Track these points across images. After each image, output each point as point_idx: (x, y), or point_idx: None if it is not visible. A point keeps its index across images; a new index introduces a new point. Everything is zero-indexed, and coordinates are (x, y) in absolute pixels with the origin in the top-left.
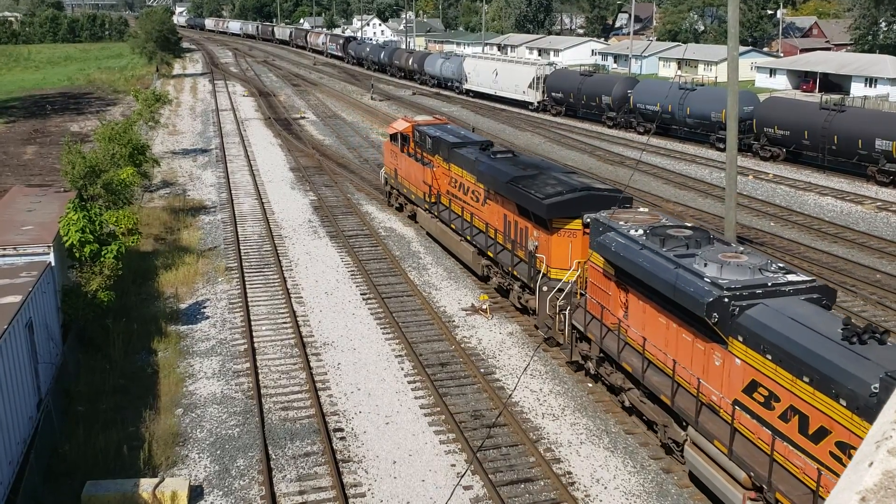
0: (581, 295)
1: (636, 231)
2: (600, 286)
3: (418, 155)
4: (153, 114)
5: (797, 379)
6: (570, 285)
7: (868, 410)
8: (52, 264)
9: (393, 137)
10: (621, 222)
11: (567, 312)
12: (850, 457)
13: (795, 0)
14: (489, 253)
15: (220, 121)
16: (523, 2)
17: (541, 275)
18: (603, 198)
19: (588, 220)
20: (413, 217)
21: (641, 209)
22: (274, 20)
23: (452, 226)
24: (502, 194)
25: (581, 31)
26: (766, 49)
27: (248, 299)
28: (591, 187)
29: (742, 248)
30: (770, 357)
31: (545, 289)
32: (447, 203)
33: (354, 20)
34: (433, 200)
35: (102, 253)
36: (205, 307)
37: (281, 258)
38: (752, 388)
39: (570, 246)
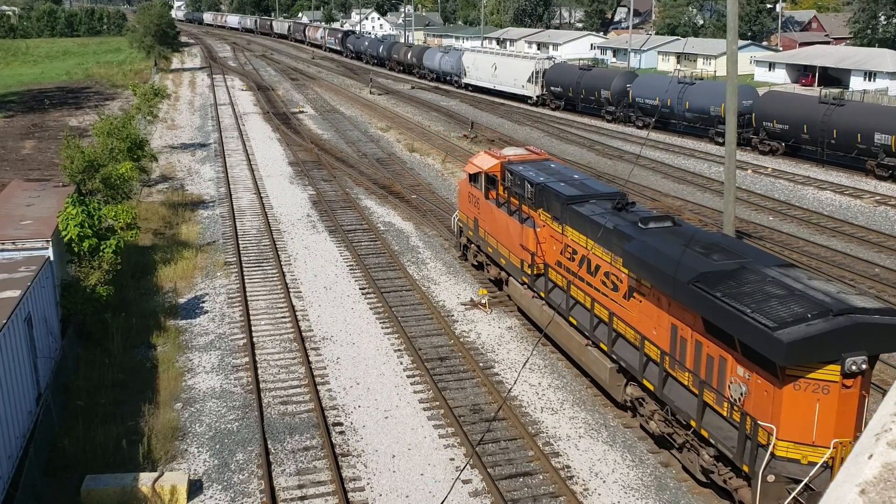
0: None
1: None
2: None
3: (512, 205)
4: (151, 108)
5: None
6: (815, 472)
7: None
8: (51, 259)
9: (473, 178)
10: None
11: None
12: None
13: None
14: (645, 381)
15: (219, 115)
16: None
17: (760, 451)
18: (882, 328)
19: (851, 366)
20: (498, 283)
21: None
22: (272, 14)
23: (572, 319)
24: (670, 294)
25: (580, 25)
26: (765, 43)
27: (247, 294)
28: (854, 308)
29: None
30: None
31: (771, 477)
32: (560, 281)
33: (353, 14)
34: (535, 272)
35: (101, 247)
36: (204, 302)
37: (280, 253)
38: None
39: (816, 407)
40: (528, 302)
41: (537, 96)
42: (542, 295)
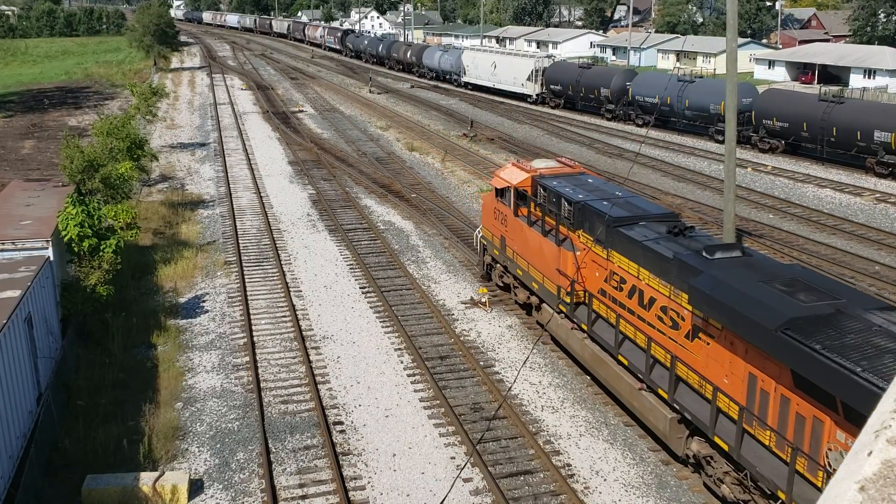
0: None
1: None
2: None
3: (547, 225)
4: (150, 108)
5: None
6: None
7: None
8: (51, 259)
9: (500, 193)
10: None
11: None
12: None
13: None
14: (716, 438)
15: (219, 114)
16: None
17: None
18: None
19: None
20: (528, 308)
21: None
22: (272, 13)
23: (622, 358)
24: (751, 341)
25: (579, 23)
26: (764, 41)
27: (248, 293)
28: None
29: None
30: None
31: None
32: (606, 313)
33: (352, 13)
34: (574, 301)
35: (101, 247)
36: (204, 301)
37: (280, 252)
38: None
39: None
40: (566, 334)
41: (537, 95)
42: (585, 328)
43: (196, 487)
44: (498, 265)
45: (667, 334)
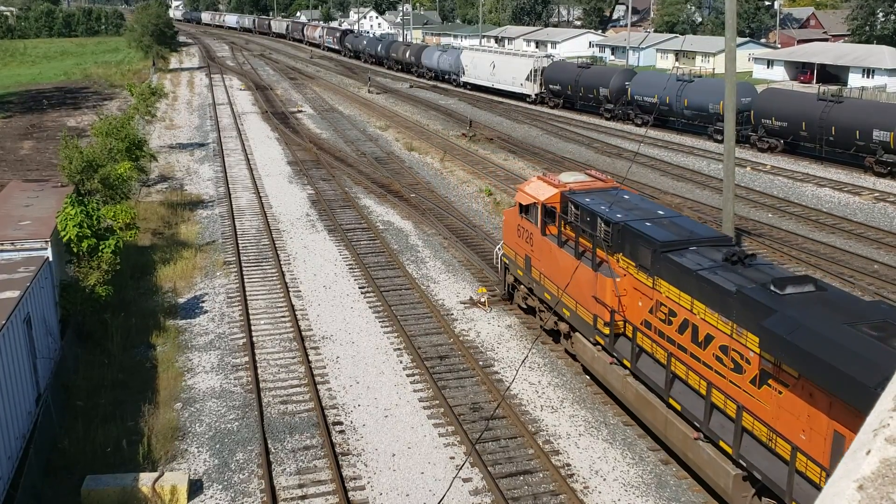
0: None
1: None
2: None
3: (580, 247)
4: (149, 108)
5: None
6: None
7: None
8: (50, 259)
9: (525, 209)
10: None
11: None
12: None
13: None
14: None
15: (217, 115)
16: None
17: None
18: None
19: None
20: (555, 335)
21: None
22: (270, 13)
23: (673, 401)
24: (841, 396)
25: (578, 23)
26: (763, 40)
27: (247, 293)
28: None
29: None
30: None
31: None
32: (648, 346)
33: (351, 13)
34: (613, 332)
35: (100, 248)
36: (203, 301)
37: (279, 252)
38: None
39: None
40: (604, 368)
41: (536, 94)
42: (627, 364)
43: (195, 488)
44: (522, 286)
45: (727, 377)
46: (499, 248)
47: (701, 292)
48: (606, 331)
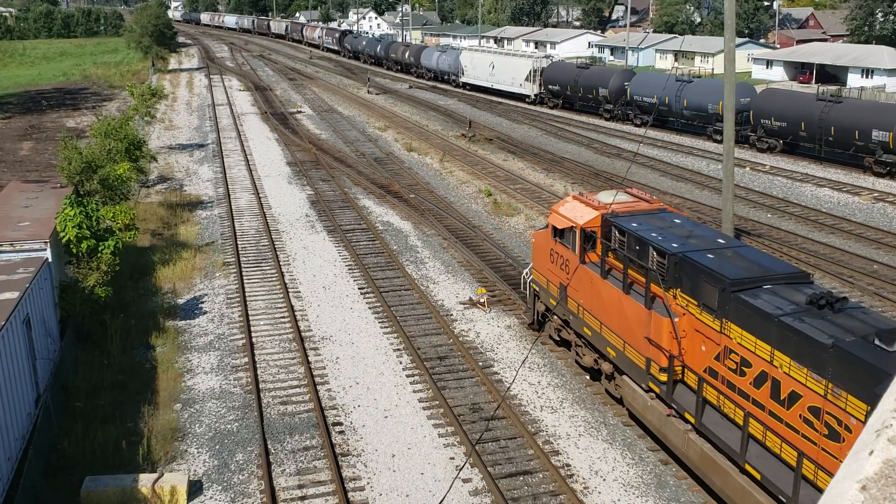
0: None
1: None
2: None
3: (628, 279)
4: (149, 109)
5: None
6: None
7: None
8: (50, 260)
9: (560, 233)
10: None
11: None
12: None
13: None
14: None
15: (217, 115)
16: None
17: None
18: None
19: None
20: (594, 372)
21: None
22: (270, 14)
23: (750, 467)
24: None
25: (577, 23)
26: (762, 40)
27: (246, 294)
28: None
29: None
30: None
31: None
32: (714, 398)
33: (350, 13)
34: (672, 380)
35: (99, 248)
36: (203, 302)
37: (278, 253)
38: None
39: None
40: (659, 420)
41: (535, 95)
42: (691, 418)
43: (195, 489)
44: (555, 317)
45: (819, 444)
46: (527, 273)
47: (784, 342)
48: (663, 378)
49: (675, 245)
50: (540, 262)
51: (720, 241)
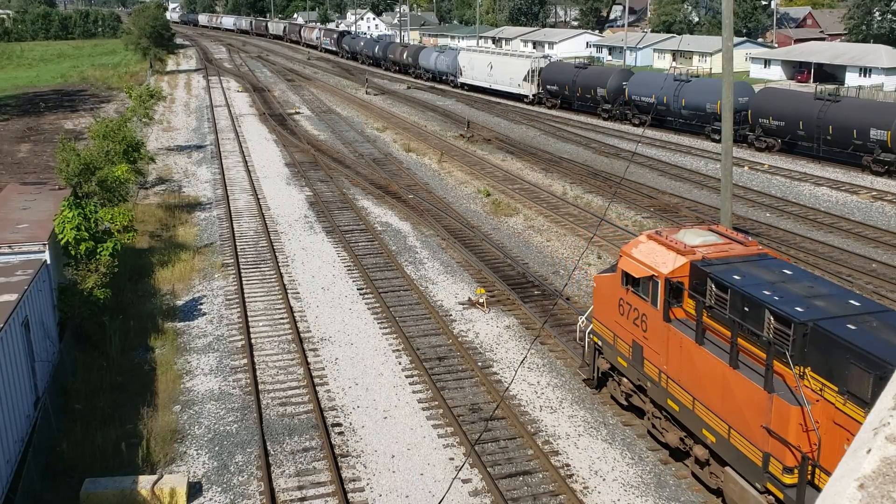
0: None
1: None
2: None
3: (739, 347)
4: (147, 110)
5: None
6: None
7: None
8: (48, 262)
9: (634, 281)
10: None
11: None
12: None
13: None
14: None
15: (215, 117)
16: None
17: None
18: None
19: None
20: (676, 451)
21: None
22: (268, 15)
23: None
24: None
25: (575, 23)
26: (760, 40)
27: (245, 295)
28: None
29: None
30: None
31: None
32: None
33: (348, 14)
34: (802, 484)
35: (98, 250)
36: (201, 304)
37: (277, 254)
38: None
39: None
40: None
41: (533, 95)
42: None
43: (195, 490)
44: (624, 379)
45: None
46: (584, 321)
47: None
48: (789, 480)
49: (799, 309)
50: (604, 311)
51: (854, 303)
